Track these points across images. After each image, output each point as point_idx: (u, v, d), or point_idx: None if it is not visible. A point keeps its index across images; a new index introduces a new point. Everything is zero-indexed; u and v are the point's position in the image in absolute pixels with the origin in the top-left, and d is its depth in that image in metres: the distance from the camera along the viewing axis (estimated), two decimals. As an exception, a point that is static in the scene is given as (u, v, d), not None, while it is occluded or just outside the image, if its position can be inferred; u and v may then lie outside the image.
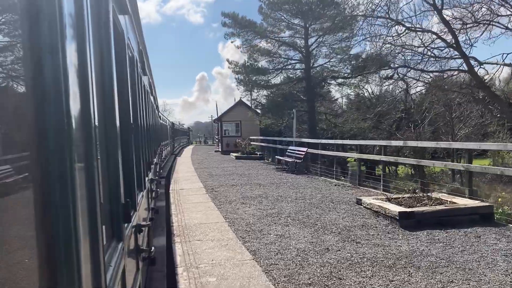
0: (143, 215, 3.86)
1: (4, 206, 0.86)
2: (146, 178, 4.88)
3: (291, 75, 30.56)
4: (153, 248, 3.42)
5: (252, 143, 28.42)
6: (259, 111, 32.31)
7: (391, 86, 27.53)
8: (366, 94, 33.18)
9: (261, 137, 29.23)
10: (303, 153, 17.51)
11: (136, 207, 2.89)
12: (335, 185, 13.55)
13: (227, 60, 30.51)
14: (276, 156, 21.05)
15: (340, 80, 29.40)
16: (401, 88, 23.41)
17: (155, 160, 9.11)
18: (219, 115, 39.34)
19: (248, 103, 37.57)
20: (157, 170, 10.58)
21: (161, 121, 19.64)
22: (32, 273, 0.93)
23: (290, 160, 18.01)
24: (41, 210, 0.96)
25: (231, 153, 29.35)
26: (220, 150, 35.33)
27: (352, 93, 32.73)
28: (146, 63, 6.29)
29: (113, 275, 1.62)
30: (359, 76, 27.16)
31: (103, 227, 1.49)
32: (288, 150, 19.46)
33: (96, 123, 1.50)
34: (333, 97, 35.42)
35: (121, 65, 2.61)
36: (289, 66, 30.32)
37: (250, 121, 32.85)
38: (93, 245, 1.25)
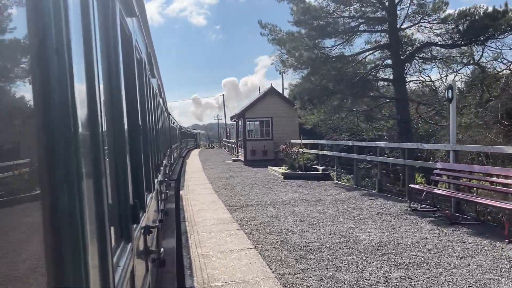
0: (152, 217, 3.88)
1: (12, 207, 0.87)
2: (155, 180, 4.90)
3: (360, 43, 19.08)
4: (162, 249, 3.43)
5: (306, 150, 17.89)
6: (297, 104, 20.50)
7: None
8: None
9: (322, 141, 19.61)
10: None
11: (145, 208, 2.90)
12: None
13: (260, 23, 18.57)
14: (411, 185, 10.60)
15: (438, 51, 18.33)
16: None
17: (164, 162, 9.15)
18: (241, 110, 26.50)
19: (284, 93, 27.53)
20: (167, 172, 10.63)
21: (171, 123, 19.70)
22: (40, 273, 0.94)
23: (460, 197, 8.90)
24: (50, 211, 0.97)
25: (270, 167, 19.54)
26: (242, 159, 25.22)
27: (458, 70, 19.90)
28: (155, 65, 6.33)
29: (121, 276, 1.63)
30: (472, 44, 17.25)
31: (112, 228, 1.50)
32: (439, 170, 9.83)
33: (104, 125, 1.51)
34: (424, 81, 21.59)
35: (129, 68, 2.63)
36: (361, 27, 18.64)
37: (286, 117, 24.15)
38: (102, 245, 1.26)
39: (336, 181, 15.71)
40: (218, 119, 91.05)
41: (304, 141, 18.32)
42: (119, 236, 1.95)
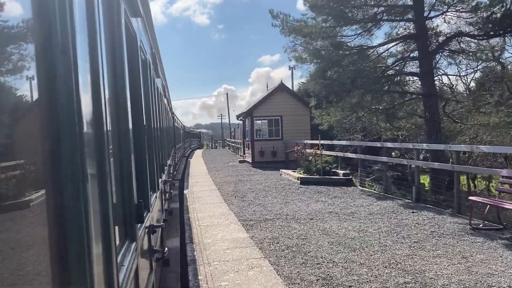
0: (157, 216, 3.89)
1: (17, 207, 0.88)
2: (160, 180, 4.92)
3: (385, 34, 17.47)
4: (166, 249, 3.43)
5: (324, 152, 16.02)
6: (312, 101, 19.37)
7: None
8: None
9: (344, 142, 18.01)
10: None
11: (149, 208, 2.91)
12: None
13: (271, 13, 17.14)
14: (471, 198, 8.88)
15: (467, 43, 16.77)
16: None
17: (168, 161, 9.18)
18: (248, 108, 24.74)
19: (295, 90, 26.32)
20: (171, 171, 10.66)
21: (175, 123, 19.74)
22: (45, 272, 0.94)
23: None
24: (54, 211, 0.98)
25: (283, 170, 17.59)
26: (250, 160, 23.30)
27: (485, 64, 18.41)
28: (159, 65, 6.34)
29: (126, 275, 1.63)
30: (507, 35, 15.40)
31: (116, 227, 1.51)
32: (506, 179, 8.27)
33: (109, 125, 1.51)
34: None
35: (133, 68, 2.64)
36: (384, 16, 17.11)
37: (297, 115, 22.49)
38: (106, 245, 1.26)
39: (361, 188, 13.74)
40: (221, 118, 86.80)
41: (322, 142, 16.22)
42: (124, 236, 1.95)
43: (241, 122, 28.16)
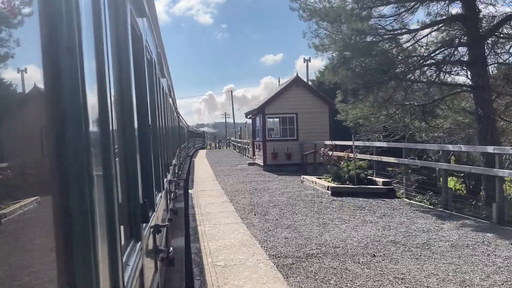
0: (162, 216, 3.90)
1: (23, 207, 0.88)
2: (165, 179, 4.93)
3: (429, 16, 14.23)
4: (171, 248, 3.44)
5: (358, 156, 13.36)
6: (338, 96, 16.38)
7: None
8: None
9: (383, 143, 15.17)
10: None
11: (155, 208, 2.91)
12: None
13: None
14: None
15: None
16: None
17: (173, 161, 9.20)
18: (259, 104, 21.81)
19: (310, 84, 23.79)
20: (176, 171, 10.69)
21: (180, 123, 19.78)
22: (50, 272, 0.95)
23: None
24: (60, 211, 0.98)
25: (305, 176, 15.02)
26: (260, 163, 20.88)
27: None
28: (165, 65, 6.36)
29: (131, 274, 1.64)
30: None
31: (121, 227, 1.51)
32: None
33: (114, 125, 1.52)
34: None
35: (139, 68, 2.65)
36: None
37: (314, 112, 19.90)
38: (111, 244, 1.26)
39: (407, 200, 11.34)
40: (225, 117, 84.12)
41: (356, 143, 13.86)
42: (129, 235, 1.96)
43: (249, 120, 26.15)
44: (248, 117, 25.80)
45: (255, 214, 9.67)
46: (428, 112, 15.22)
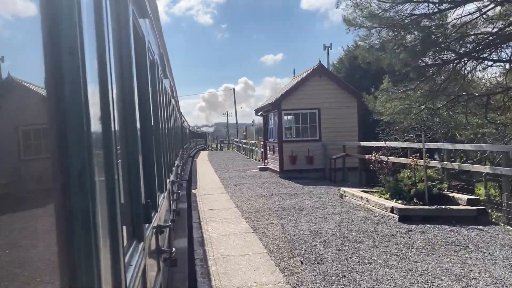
0: (164, 216, 3.90)
1: (25, 206, 0.88)
2: (167, 180, 4.93)
3: None
4: (174, 249, 3.44)
5: (431, 162, 10.14)
6: (384, 82, 13.87)
7: None
8: None
9: (483, 145, 12.24)
10: None
11: (157, 208, 2.92)
12: None
13: None
14: None
15: None
16: None
17: (176, 162, 9.21)
18: (274, 98, 18.13)
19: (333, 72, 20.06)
20: (179, 172, 10.70)
21: (183, 124, 19.81)
22: (53, 272, 0.95)
23: None
24: (62, 211, 0.98)
25: (346, 189, 11.31)
26: (275, 168, 17.58)
27: None
28: (167, 66, 6.37)
29: (133, 275, 1.64)
30: None
31: (124, 227, 1.51)
32: None
33: (117, 125, 1.52)
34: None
35: (141, 68, 2.65)
36: None
37: (340, 108, 16.75)
38: (114, 245, 1.26)
39: (510, 228, 7.87)
40: (227, 116, 78.72)
41: (429, 145, 10.76)
42: (131, 236, 1.96)
43: (261, 118, 22.36)
44: (259, 114, 21.92)
45: (302, 263, 5.95)
46: (486, 105, 11.84)
